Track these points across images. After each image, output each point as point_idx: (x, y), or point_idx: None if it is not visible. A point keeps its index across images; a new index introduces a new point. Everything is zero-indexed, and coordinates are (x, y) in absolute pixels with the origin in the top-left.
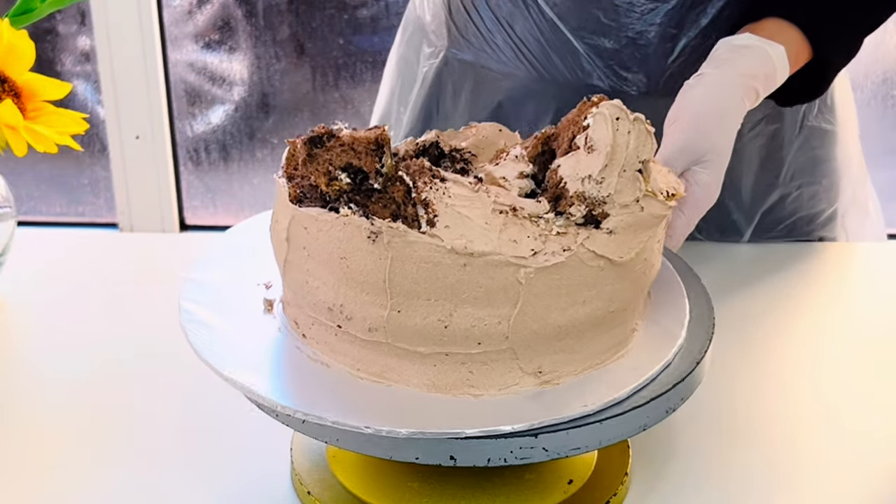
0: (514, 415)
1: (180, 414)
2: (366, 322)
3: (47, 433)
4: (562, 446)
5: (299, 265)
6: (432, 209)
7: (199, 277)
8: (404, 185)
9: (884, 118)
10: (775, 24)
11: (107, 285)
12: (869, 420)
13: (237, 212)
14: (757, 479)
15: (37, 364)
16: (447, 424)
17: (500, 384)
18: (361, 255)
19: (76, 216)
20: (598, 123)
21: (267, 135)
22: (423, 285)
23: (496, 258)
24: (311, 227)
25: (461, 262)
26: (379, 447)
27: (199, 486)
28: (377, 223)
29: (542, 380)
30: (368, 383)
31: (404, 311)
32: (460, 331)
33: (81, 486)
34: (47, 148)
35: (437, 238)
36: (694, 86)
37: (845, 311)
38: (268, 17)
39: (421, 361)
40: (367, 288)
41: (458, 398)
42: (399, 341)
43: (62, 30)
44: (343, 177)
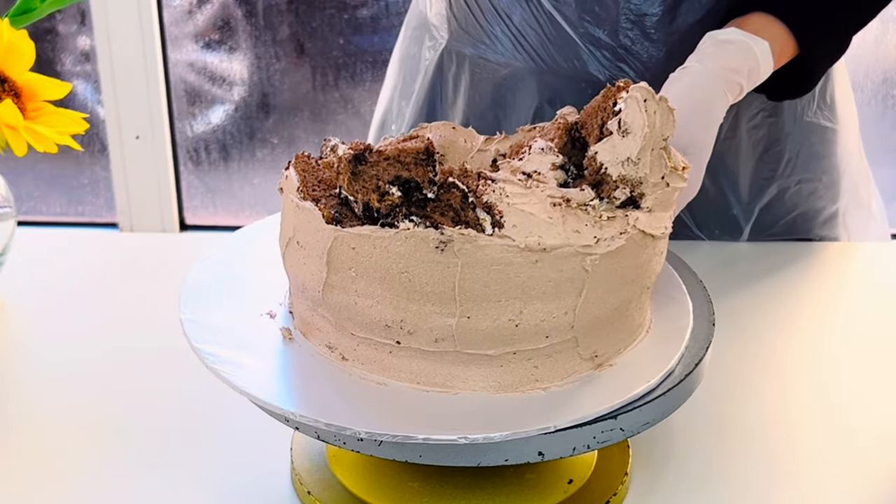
0: (591, 401)
1: (180, 414)
2: (432, 333)
3: (47, 433)
4: (636, 424)
5: (344, 287)
6: (497, 210)
7: (198, 318)
8: (460, 191)
9: (884, 118)
10: (761, 19)
11: (107, 285)
12: (869, 420)
13: (237, 212)
14: (757, 479)
15: (36, 364)
16: (534, 421)
17: (562, 374)
18: (426, 267)
19: (76, 216)
20: (630, 107)
21: (267, 135)
22: (494, 288)
23: (566, 250)
24: (363, 246)
25: (533, 259)
26: (468, 456)
27: (198, 485)
28: (447, 232)
29: (597, 363)
30: (435, 394)
31: (474, 316)
32: (530, 327)
33: (81, 486)
34: (47, 148)
35: (507, 238)
36: (676, 79)
37: (846, 311)
38: (268, 17)
39: (488, 364)
40: (432, 299)
41: (527, 394)
42: (468, 347)
43: (62, 30)
44: (394, 190)
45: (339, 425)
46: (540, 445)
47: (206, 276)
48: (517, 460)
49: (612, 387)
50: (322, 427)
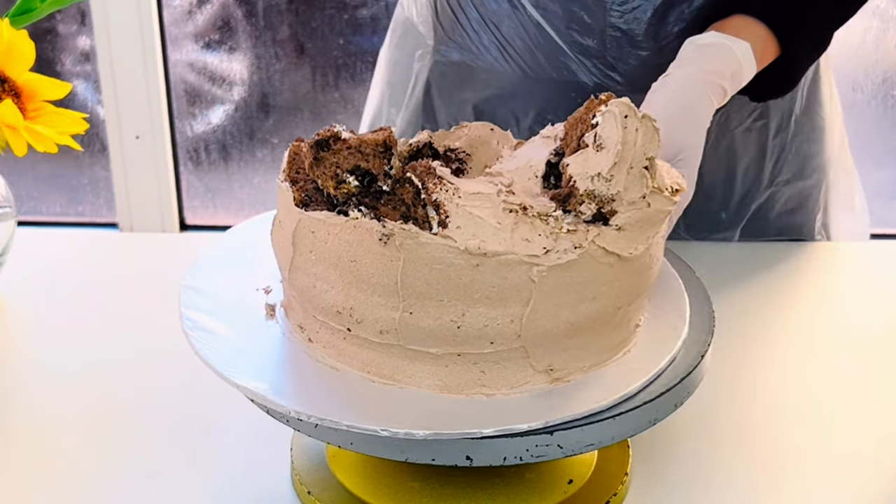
0: (529, 413)
1: (180, 414)
2: (377, 325)
3: (47, 433)
4: (576, 443)
5: (306, 269)
6: (444, 210)
7: (198, 284)
8: (413, 187)
9: (884, 118)
10: (741, 21)
11: (107, 285)
12: (869, 420)
13: (237, 212)
14: (757, 479)
15: (37, 364)
16: (463, 425)
17: (512, 383)
18: (372, 258)
19: (76, 216)
20: (607, 121)
21: (267, 135)
22: (436, 286)
23: (509, 257)
24: (319, 230)
25: (474, 263)
26: (394, 449)
27: (199, 485)
28: (389, 225)
29: (553, 377)
30: (380, 386)
31: (416, 312)
32: (473, 331)
33: (81, 486)
34: (47, 148)
35: (449, 239)
36: (659, 88)
37: (844, 310)
38: (268, 17)
39: (433, 362)
40: (378, 290)
41: (471, 398)
42: (411, 343)
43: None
44: (351, 179)
45: (271, 400)
46: (467, 450)
47: (214, 254)
48: (444, 461)
49: (558, 402)
50: (261, 402)
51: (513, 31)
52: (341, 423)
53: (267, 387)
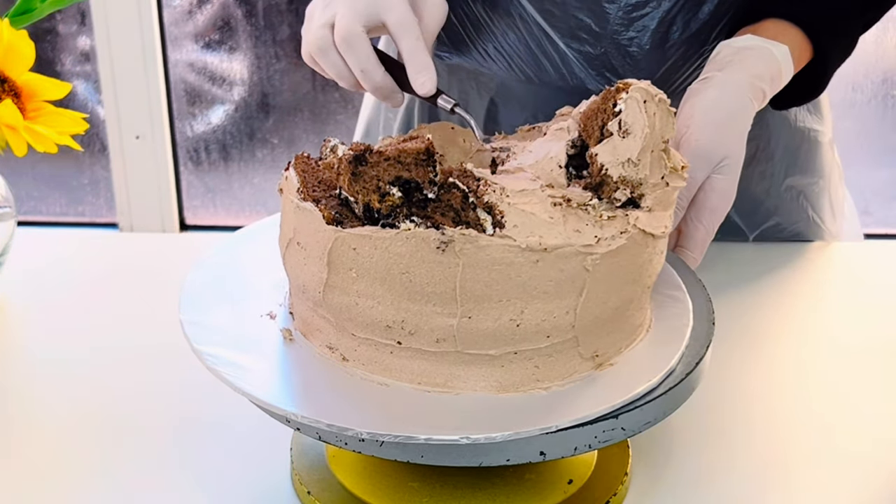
0: (592, 400)
1: (180, 414)
2: (433, 334)
3: (47, 432)
4: (637, 423)
5: (344, 287)
6: (497, 211)
7: (199, 319)
8: (461, 192)
9: (884, 118)
10: (776, 25)
11: (107, 285)
12: (869, 421)
13: (237, 212)
14: (756, 479)
15: (37, 364)
16: (536, 421)
17: (563, 374)
18: (427, 267)
19: (76, 216)
20: (630, 108)
21: (267, 135)
22: (495, 287)
23: (567, 250)
24: (363, 246)
25: (534, 259)
26: (469, 456)
27: (198, 485)
28: (449, 232)
29: (597, 363)
30: (436, 395)
31: (475, 316)
32: (531, 327)
33: (81, 486)
34: (47, 148)
35: (508, 238)
36: (701, 90)
37: (846, 311)
38: (268, 17)
39: (489, 364)
40: (433, 299)
41: (529, 394)
42: (469, 347)
43: (62, 30)
44: (395, 191)
45: (341, 426)
46: (541, 445)
47: (205, 278)
48: (519, 460)
49: (613, 386)
50: (323, 428)
51: (517, 40)
52: (418, 438)
53: (324, 411)
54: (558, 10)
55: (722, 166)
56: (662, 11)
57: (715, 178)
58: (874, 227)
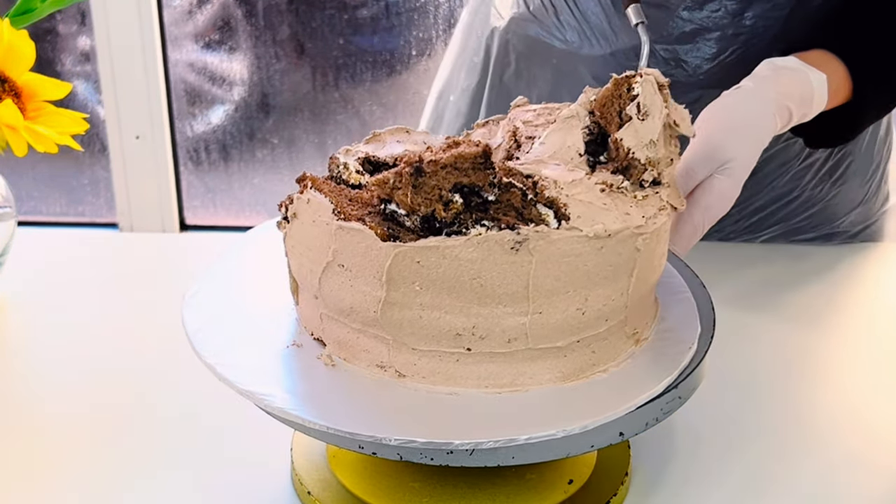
0: (652, 376)
1: (180, 414)
2: (504, 335)
3: (47, 432)
4: (690, 391)
5: (406, 302)
6: (560, 204)
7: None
8: (519, 190)
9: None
10: (822, 56)
11: (107, 285)
12: (869, 420)
13: (237, 212)
14: (756, 479)
15: (36, 364)
16: (615, 404)
17: (614, 355)
18: (499, 270)
19: (76, 216)
20: (646, 91)
21: (267, 135)
22: (563, 280)
23: (625, 233)
24: (429, 257)
25: (598, 246)
26: (558, 449)
27: (199, 485)
28: (523, 231)
29: (635, 339)
30: (507, 395)
31: (545, 310)
32: (594, 313)
33: (81, 486)
34: (47, 148)
35: (576, 230)
36: (728, 95)
37: (846, 311)
38: (268, 17)
39: (554, 356)
40: (504, 300)
41: (591, 380)
42: (539, 342)
43: (62, 30)
44: (457, 198)
45: (438, 441)
46: (620, 426)
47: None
48: (601, 444)
49: (662, 360)
50: (418, 447)
51: (591, 12)
52: (518, 439)
53: (405, 428)
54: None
55: (725, 168)
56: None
57: (716, 177)
58: None
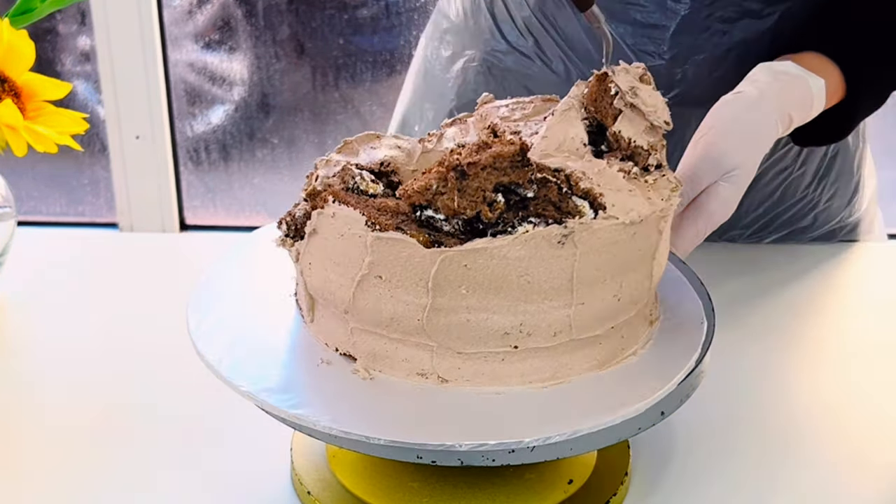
0: (680, 355)
1: (180, 414)
2: (550, 329)
3: (47, 433)
4: (708, 368)
5: (453, 307)
6: (596, 194)
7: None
8: (555, 184)
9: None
10: (817, 59)
11: (107, 285)
12: (869, 421)
13: (237, 212)
14: (756, 479)
15: (36, 364)
16: (655, 385)
17: (637, 338)
18: (546, 265)
19: (76, 216)
20: (626, 83)
21: (267, 135)
22: (603, 269)
23: (652, 217)
24: (476, 260)
25: (632, 233)
26: (609, 436)
27: (199, 485)
28: (570, 224)
29: (650, 320)
30: (550, 389)
31: (588, 301)
32: (627, 298)
33: (81, 486)
34: (47, 148)
35: (613, 219)
36: (730, 102)
37: (846, 311)
38: (268, 17)
39: (592, 345)
40: (549, 295)
41: (623, 364)
42: (582, 332)
43: (62, 30)
44: (499, 197)
45: (508, 441)
46: (662, 406)
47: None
48: (645, 426)
49: (681, 340)
50: (491, 447)
51: (574, 37)
52: (582, 430)
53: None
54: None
55: (730, 175)
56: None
57: (721, 184)
58: None
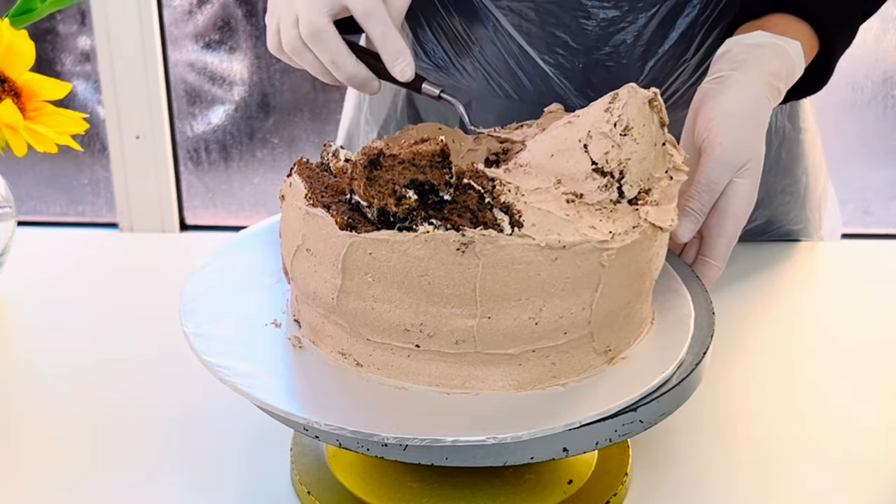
0: (610, 394)
1: (180, 414)
2: (452, 335)
3: (47, 433)
4: (654, 415)
5: (360, 293)
6: (515, 210)
7: (203, 331)
8: (476, 192)
9: (884, 118)
10: (783, 20)
11: (107, 285)
12: (868, 420)
13: (237, 212)
14: (756, 479)
15: (36, 364)
16: (559, 418)
17: (578, 370)
18: (447, 269)
19: (76, 216)
20: (628, 109)
21: (267, 135)
22: (514, 287)
23: (584, 246)
24: (380, 250)
25: (553, 257)
26: (494, 456)
27: (199, 486)
28: (469, 233)
29: (609, 357)
30: (455, 397)
31: (495, 316)
32: (549, 325)
33: (81, 486)
34: (47, 148)
35: (527, 238)
36: (719, 91)
37: (845, 310)
38: None
39: (508, 363)
40: (452, 301)
41: (547, 391)
42: (489, 348)
43: (62, 30)
44: (411, 194)
45: (365, 432)
46: (564, 441)
47: (204, 285)
48: (542, 457)
49: (628, 379)
50: (347, 435)
51: (495, 56)
52: (445, 441)
53: (344, 418)
54: (535, 27)
55: (745, 170)
56: (639, 26)
57: (737, 181)
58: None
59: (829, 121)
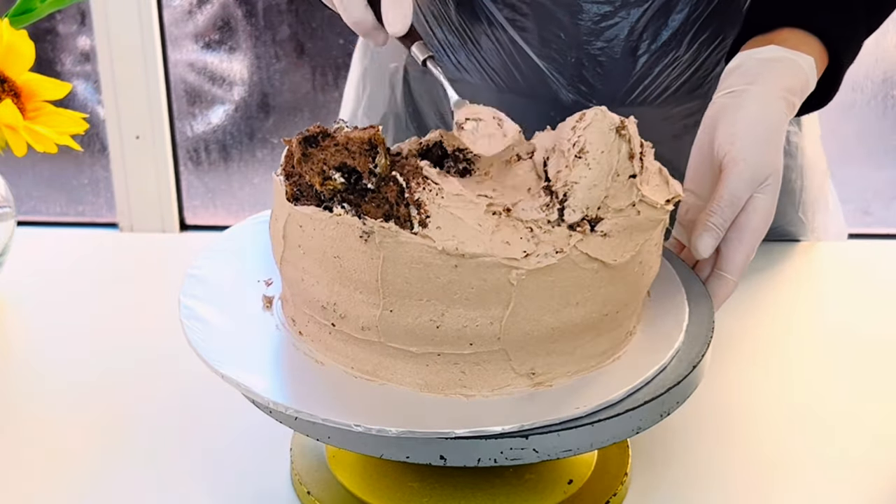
0: (506, 416)
1: (180, 414)
2: (359, 321)
3: (47, 433)
4: (553, 448)
5: (294, 262)
6: (424, 210)
7: (200, 273)
8: (397, 186)
9: (884, 118)
10: (794, 35)
11: (107, 285)
12: (869, 420)
13: (237, 212)
14: (756, 479)
15: (36, 364)
16: (438, 424)
17: (493, 385)
18: (354, 255)
19: (76, 216)
20: (589, 132)
21: (267, 135)
22: (415, 285)
23: (487, 260)
24: (306, 225)
25: (452, 264)
26: (370, 446)
27: (199, 486)
28: (369, 223)
29: (536, 381)
30: (362, 382)
31: (396, 310)
32: (452, 331)
33: (81, 486)
34: (47, 148)
35: (428, 239)
36: (739, 105)
37: (844, 310)
38: (268, 17)
39: (414, 361)
40: (360, 287)
41: (450, 398)
42: (392, 341)
43: (62, 30)
44: (337, 176)
45: (254, 392)
46: (442, 449)
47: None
48: (419, 459)
49: (536, 407)
50: (243, 392)
51: (490, 49)
52: (317, 417)
53: (252, 378)
54: (529, 21)
55: (765, 185)
56: (631, 21)
57: (758, 197)
58: (874, 227)
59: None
